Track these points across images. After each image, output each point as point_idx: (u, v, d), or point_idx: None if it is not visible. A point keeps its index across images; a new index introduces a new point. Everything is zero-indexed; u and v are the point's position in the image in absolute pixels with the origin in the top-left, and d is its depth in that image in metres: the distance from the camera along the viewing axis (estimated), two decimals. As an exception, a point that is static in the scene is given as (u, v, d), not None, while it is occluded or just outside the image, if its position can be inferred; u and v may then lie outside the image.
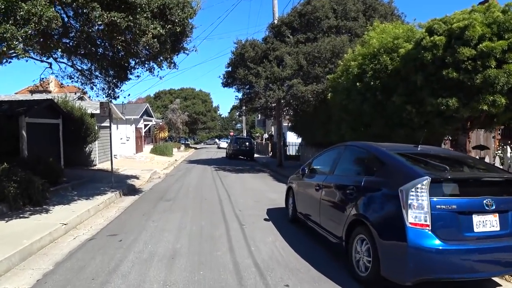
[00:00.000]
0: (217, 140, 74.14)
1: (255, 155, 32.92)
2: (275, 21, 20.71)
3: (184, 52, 10.09)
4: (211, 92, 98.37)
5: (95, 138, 17.70)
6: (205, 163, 25.49)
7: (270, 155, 33.42)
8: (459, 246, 3.82)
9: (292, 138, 29.93)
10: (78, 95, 12.58)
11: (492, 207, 3.98)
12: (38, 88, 11.91)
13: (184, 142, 54.94)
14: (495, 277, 4.72)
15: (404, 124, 9.43)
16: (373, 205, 4.44)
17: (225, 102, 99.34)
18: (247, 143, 31.42)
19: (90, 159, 18.66)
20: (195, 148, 56.06)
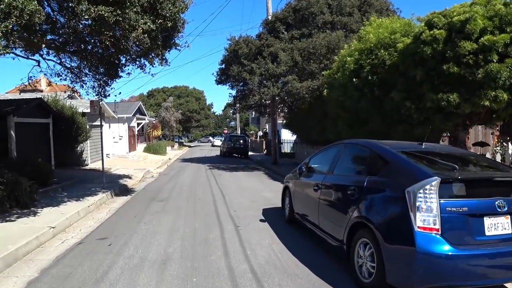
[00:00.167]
0: (211, 138, 73.90)
1: (250, 153, 32.73)
2: (269, 17, 20.41)
3: (176, 48, 9.83)
4: (205, 90, 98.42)
5: (87, 137, 17.43)
6: (199, 161, 25.21)
7: (265, 152, 33.18)
8: (470, 251, 3.57)
9: (287, 136, 29.69)
10: (68, 93, 12.29)
11: (504, 209, 3.74)
12: (27, 87, 11.56)
13: (177, 141, 54.60)
14: (508, 283, 4.44)
15: (403, 121, 9.20)
16: (377, 207, 4.16)
17: (219, 100, 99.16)
18: (241, 141, 31.18)
19: (82, 159, 18.36)
20: (189, 146, 55.79)
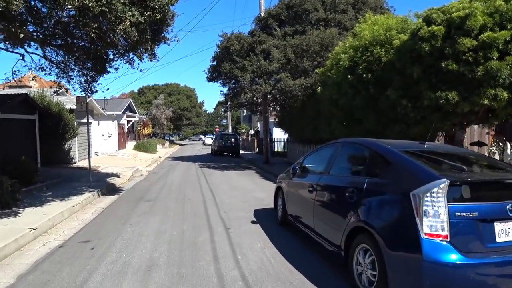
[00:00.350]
0: (202, 136, 73.39)
1: (241, 151, 32.41)
2: (262, 14, 20.08)
3: (165, 42, 9.47)
4: (196, 88, 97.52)
5: (74, 134, 16.96)
6: (190, 160, 24.83)
7: (256, 151, 32.91)
8: (481, 259, 3.29)
9: (279, 134, 29.39)
10: (54, 89, 11.87)
11: None
12: (11, 82, 11.10)
13: (168, 139, 54.05)
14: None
15: (399, 120, 8.97)
16: (379, 211, 3.88)
17: (210, 98, 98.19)
18: (232, 139, 30.85)
19: (70, 157, 17.89)
20: (180, 145, 55.27)
